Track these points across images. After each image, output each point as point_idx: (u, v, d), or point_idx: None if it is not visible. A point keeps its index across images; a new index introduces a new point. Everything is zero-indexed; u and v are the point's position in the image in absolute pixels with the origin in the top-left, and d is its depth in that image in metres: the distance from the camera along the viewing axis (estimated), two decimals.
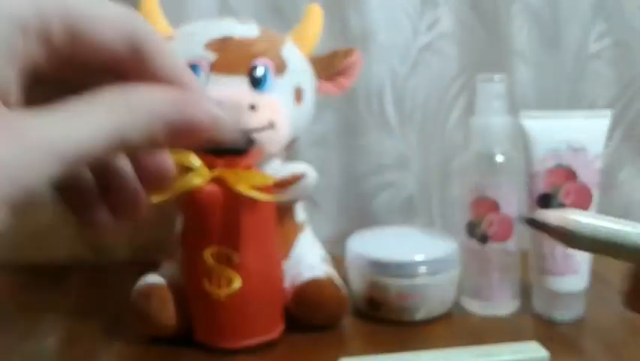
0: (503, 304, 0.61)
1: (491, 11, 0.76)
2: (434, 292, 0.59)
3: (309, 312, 0.57)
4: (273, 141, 0.58)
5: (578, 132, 0.58)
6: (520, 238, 0.60)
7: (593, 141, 0.58)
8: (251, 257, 0.53)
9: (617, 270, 0.71)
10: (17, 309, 0.65)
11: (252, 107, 0.57)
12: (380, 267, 0.58)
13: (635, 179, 0.81)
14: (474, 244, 0.60)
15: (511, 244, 0.60)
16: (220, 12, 0.75)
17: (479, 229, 0.60)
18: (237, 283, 0.53)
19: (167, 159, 0.25)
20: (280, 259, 0.58)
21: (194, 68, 0.58)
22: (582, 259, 0.58)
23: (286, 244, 0.62)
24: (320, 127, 0.77)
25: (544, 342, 0.49)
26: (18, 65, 0.20)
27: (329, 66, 0.64)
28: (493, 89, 0.59)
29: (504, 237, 0.59)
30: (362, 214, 0.80)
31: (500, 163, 0.59)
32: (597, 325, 0.58)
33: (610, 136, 0.70)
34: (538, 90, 0.78)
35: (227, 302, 0.53)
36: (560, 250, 0.58)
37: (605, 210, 0.80)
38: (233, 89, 0.58)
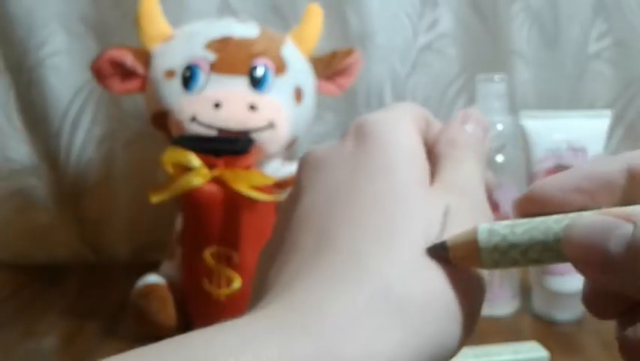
0: (503, 305, 0.60)
1: (491, 11, 0.76)
2: None
3: None
4: (273, 141, 0.58)
5: (578, 132, 0.58)
6: None
7: (593, 141, 0.58)
8: (251, 257, 0.53)
9: None
10: (17, 308, 0.65)
11: (252, 107, 0.57)
12: None
13: None
14: None
15: None
16: (220, 12, 0.75)
17: None
18: (237, 283, 0.53)
19: None
20: None
21: (193, 68, 0.58)
22: None
23: None
24: (320, 127, 0.77)
25: (544, 342, 0.49)
26: None
27: (329, 66, 0.64)
28: (493, 89, 0.60)
29: None
30: None
31: (500, 163, 0.59)
32: (597, 325, 0.56)
33: (610, 136, 0.70)
34: (538, 90, 0.78)
35: (227, 302, 0.53)
36: None
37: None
38: (233, 89, 0.58)
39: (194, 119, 0.56)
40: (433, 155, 0.26)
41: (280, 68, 0.60)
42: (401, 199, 0.22)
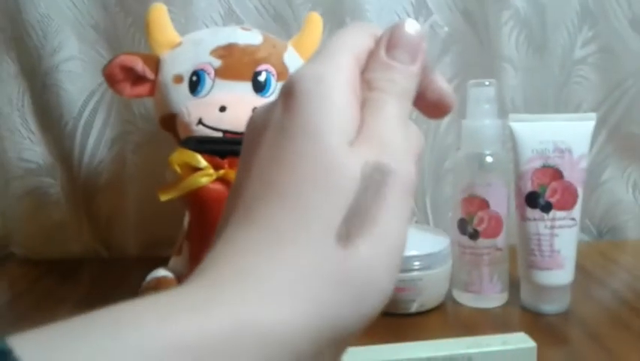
0: (493, 297, 0.61)
1: (482, 19, 0.77)
2: (428, 286, 0.60)
3: None
4: None
5: (564, 134, 0.58)
6: (509, 234, 0.61)
7: (578, 143, 0.59)
8: None
9: (601, 265, 0.72)
10: (32, 301, 0.66)
11: None
12: None
13: (618, 178, 0.83)
14: (465, 240, 0.61)
15: (500, 240, 0.61)
16: (225, 21, 0.75)
17: (470, 226, 0.61)
18: None
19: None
20: None
21: (200, 73, 0.59)
22: (568, 255, 0.59)
23: None
24: None
25: (532, 333, 0.49)
26: None
27: None
28: (483, 93, 0.60)
29: (494, 233, 0.60)
30: None
31: (490, 163, 0.60)
32: (581, 317, 0.59)
33: (594, 138, 0.70)
34: (526, 94, 0.78)
35: None
36: (546, 245, 0.59)
37: (590, 208, 0.81)
38: (237, 93, 0.59)
39: (200, 121, 0.57)
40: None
41: (282, 73, 0.61)
42: (318, 166, 0.21)
